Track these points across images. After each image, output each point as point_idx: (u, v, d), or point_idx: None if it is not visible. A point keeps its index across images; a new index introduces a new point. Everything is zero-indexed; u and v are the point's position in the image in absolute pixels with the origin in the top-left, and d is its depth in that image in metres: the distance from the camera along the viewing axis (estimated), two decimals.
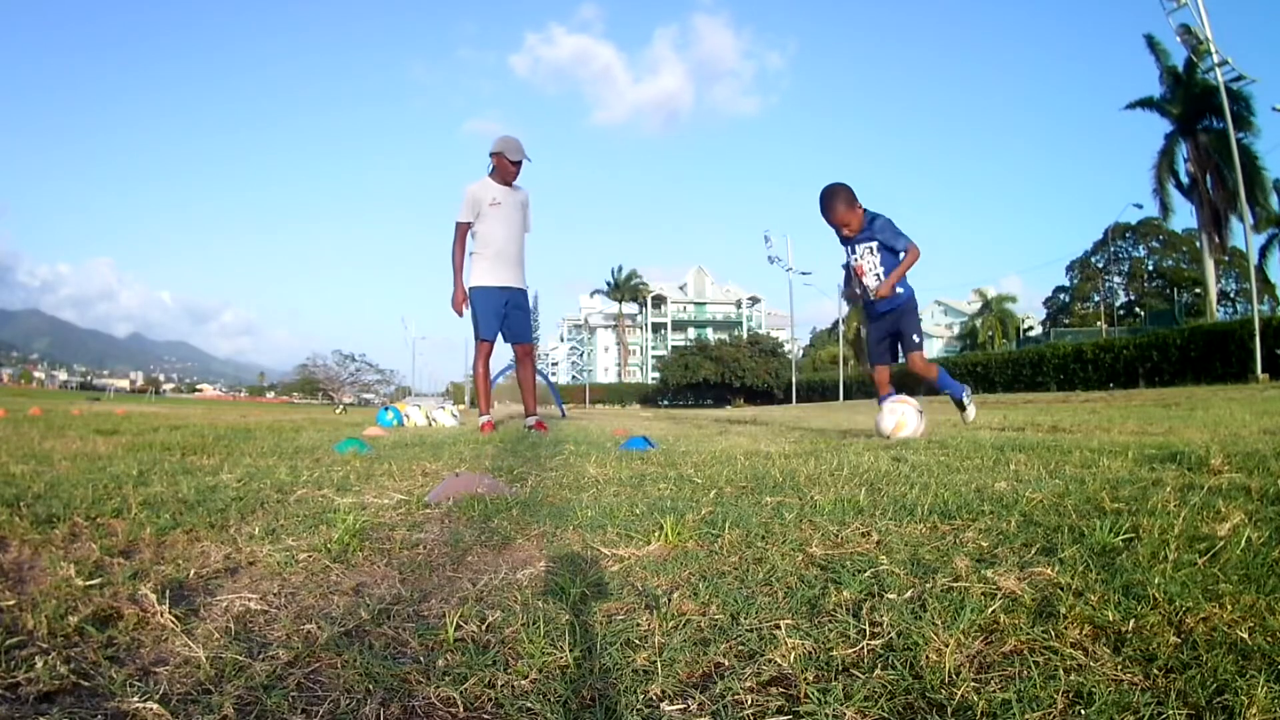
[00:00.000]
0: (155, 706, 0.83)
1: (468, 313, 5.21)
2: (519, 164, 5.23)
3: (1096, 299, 52.21)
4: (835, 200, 4.33)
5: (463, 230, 5.14)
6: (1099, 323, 42.30)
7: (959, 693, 0.83)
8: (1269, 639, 0.91)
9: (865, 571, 1.24)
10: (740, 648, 0.98)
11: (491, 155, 5.21)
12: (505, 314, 5.22)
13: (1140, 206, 34.08)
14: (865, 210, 4.35)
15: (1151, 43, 25.67)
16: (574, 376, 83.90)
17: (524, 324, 5.37)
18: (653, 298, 78.84)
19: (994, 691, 0.83)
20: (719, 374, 45.36)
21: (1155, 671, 0.86)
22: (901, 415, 3.99)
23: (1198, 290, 38.27)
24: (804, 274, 38.30)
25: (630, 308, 77.31)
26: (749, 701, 0.84)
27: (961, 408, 4.84)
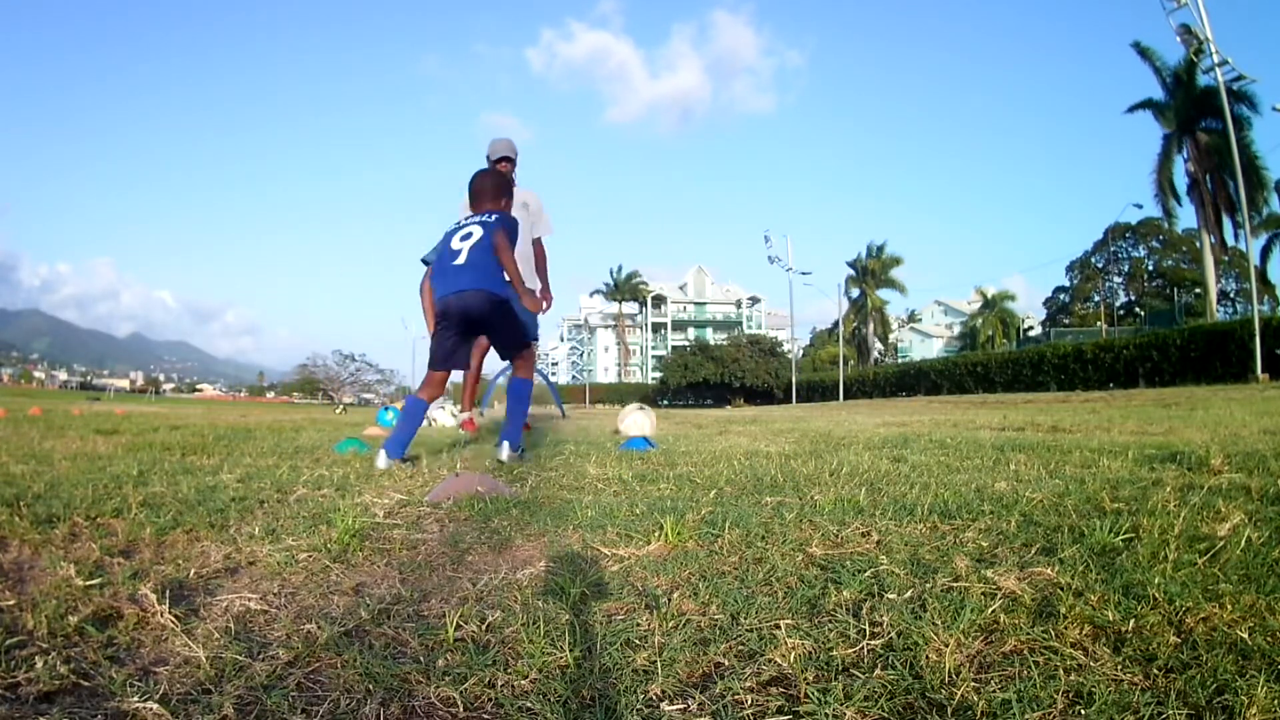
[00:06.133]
0: (155, 706, 0.83)
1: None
2: (502, 163, 5.25)
3: (1096, 299, 52.22)
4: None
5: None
6: (1099, 323, 42.31)
7: (959, 693, 0.83)
8: (1269, 639, 0.91)
9: (865, 571, 1.24)
10: (740, 648, 0.98)
11: None
12: None
13: (1140, 206, 34.03)
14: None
15: (1141, 49, 25.66)
16: (574, 376, 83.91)
17: (525, 322, 5.41)
18: (653, 298, 78.90)
19: (994, 691, 0.83)
20: (719, 374, 45.35)
21: (1155, 671, 0.86)
22: None
23: (1198, 290, 38.28)
24: (804, 274, 38.24)
25: (630, 307, 77.37)
26: (749, 701, 0.84)
27: None
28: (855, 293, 49.92)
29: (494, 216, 3.36)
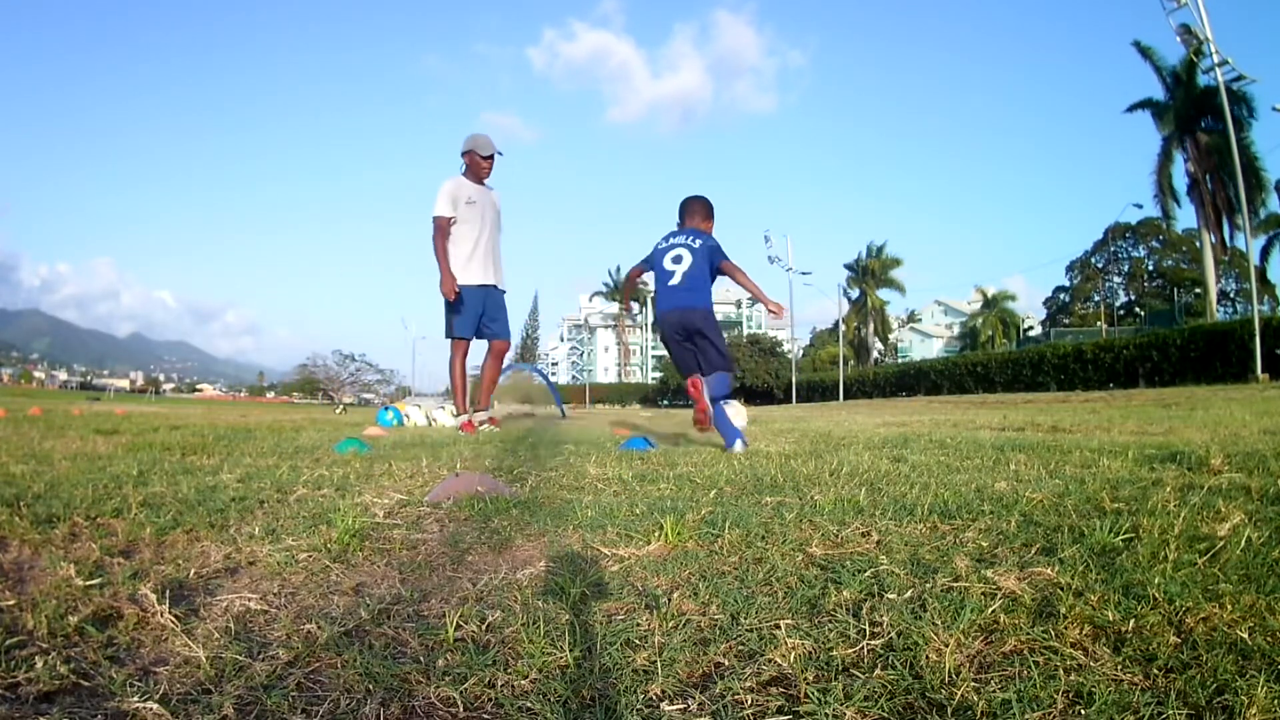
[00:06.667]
0: (155, 706, 0.83)
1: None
2: (491, 159, 5.23)
3: (1096, 299, 52.21)
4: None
5: (444, 224, 5.11)
6: (1099, 323, 42.31)
7: (959, 693, 0.83)
8: (1269, 639, 0.91)
9: (865, 571, 1.24)
10: (740, 648, 0.98)
11: (463, 154, 5.23)
12: (483, 312, 5.23)
13: (1140, 206, 34.05)
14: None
15: (1142, 49, 25.68)
16: (574, 376, 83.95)
17: (503, 321, 5.36)
18: (653, 298, 78.89)
19: (994, 691, 0.83)
20: None
21: (1155, 671, 0.86)
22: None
23: (1198, 290, 38.29)
24: (804, 274, 38.24)
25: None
26: (749, 701, 0.84)
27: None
28: (855, 293, 49.92)
29: (697, 241, 4.02)
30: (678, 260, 4.02)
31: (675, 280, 3.98)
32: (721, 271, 4.04)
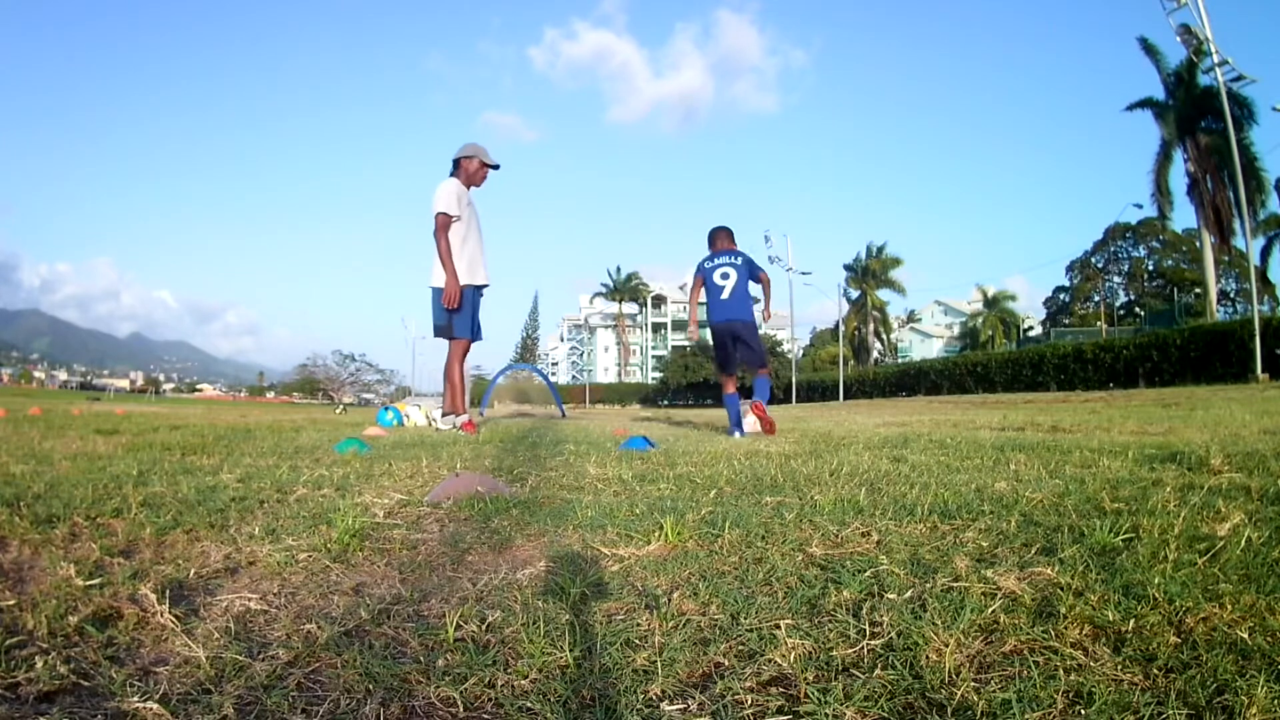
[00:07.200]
0: (155, 706, 0.83)
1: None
2: (488, 169, 5.30)
3: (1096, 299, 52.22)
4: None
5: (448, 222, 5.11)
6: (1099, 323, 42.31)
7: (959, 693, 0.83)
8: (1269, 639, 0.91)
9: (865, 571, 1.24)
10: (740, 648, 0.98)
11: (461, 159, 5.27)
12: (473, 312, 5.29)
13: (1140, 206, 33.98)
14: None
15: (1146, 45, 25.67)
16: (574, 376, 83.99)
17: (478, 322, 5.44)
18: (653, 298, 78.98)
19: (994, 691, 0.83)
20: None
21: (1155, 671, 0.86)
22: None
23: (1198, 290, 38.29)
24: (804, 274, 38.21)
25: (630, 307, 77.47)
26: (749, 701, 0.84)
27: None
28: (855, 293, 49.93)
29: (739, 259, 5.28)
30: (725, 277, 5.17)
31: (725, 295, 5.13)
32: (756, 280, 5.21)
